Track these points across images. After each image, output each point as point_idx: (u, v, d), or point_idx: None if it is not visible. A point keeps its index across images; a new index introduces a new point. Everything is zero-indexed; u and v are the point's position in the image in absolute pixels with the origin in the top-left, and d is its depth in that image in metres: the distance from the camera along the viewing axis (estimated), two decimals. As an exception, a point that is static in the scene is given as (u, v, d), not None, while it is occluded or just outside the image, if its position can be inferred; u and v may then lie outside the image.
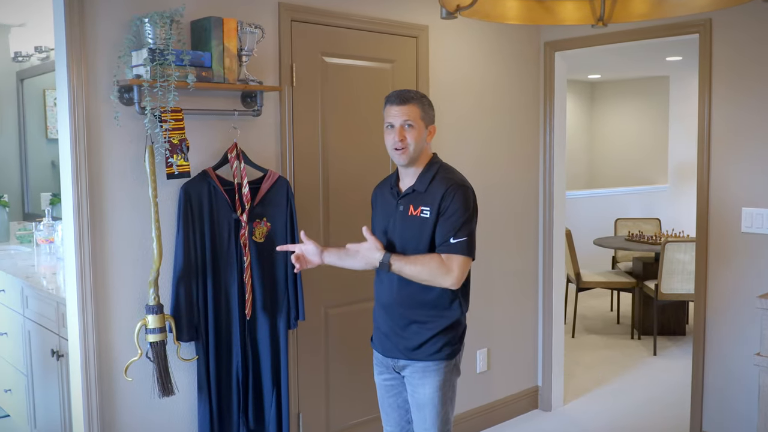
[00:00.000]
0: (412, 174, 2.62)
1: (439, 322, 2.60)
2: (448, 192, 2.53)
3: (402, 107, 2.54)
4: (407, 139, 2.54)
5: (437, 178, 2.58)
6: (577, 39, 4.27)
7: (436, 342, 2.59)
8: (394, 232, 2.61)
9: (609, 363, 5.63)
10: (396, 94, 2.58)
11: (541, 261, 4.55)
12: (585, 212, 8.22)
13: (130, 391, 2.87)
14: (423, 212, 2.55)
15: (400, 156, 2.55)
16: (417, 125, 2.55)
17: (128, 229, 2.83)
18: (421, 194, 2.58)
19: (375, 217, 2.77)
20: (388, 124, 2.57)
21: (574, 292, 6.58)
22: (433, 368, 2.60)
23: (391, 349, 2.67)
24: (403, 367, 2.66)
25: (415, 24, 3.74)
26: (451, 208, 2.51)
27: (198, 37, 2.89)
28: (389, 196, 2.69)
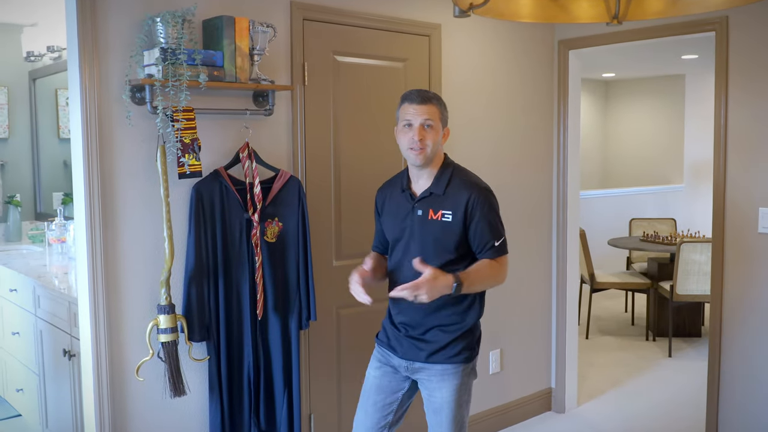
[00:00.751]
0: (426, 176, 2.59)
1: (460, 326, 2.59)
2: (473, 197, 2.52)
3: (423, 106, 2.51)
4: (426, 139, 2.51)
5: (455, 181, 2.57)
6: (591, 37, 4.25)
7: (455, 345, 2.59)
8: (412, 237, 2.58)
9: (623, 365, 5.60)
10: (416, 93, 2.55)
11: (555, 261, 4.54)
12: (599, 212, 8.19)
13: (142, 391, 2.88)
14: (444, 216, 2.53)
15: (417, 156, 2.51)
16: (436, 126, 2.53)
17: (140, 228, 2.84)
18: (439, 197, 2.55)
19: (384, 222, 2.72)
20: (405, 122, 2.53)
21: (588, 293, 6.55)
22: (452, 371, 2.59)
23: (409, 352, 2.63)
24: (418, 370, 2.63)
25: (427, 22, 3.73)
26: (486, 213, 2.53)
27: (210, 36, 2.90)
28: (402, 199, 2.64)
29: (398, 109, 2.58)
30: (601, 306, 7.43)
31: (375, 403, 2.70)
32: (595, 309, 7.14)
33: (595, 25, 4.16)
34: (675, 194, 9.11)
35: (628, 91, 10.34)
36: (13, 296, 4.19)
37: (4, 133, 5.38)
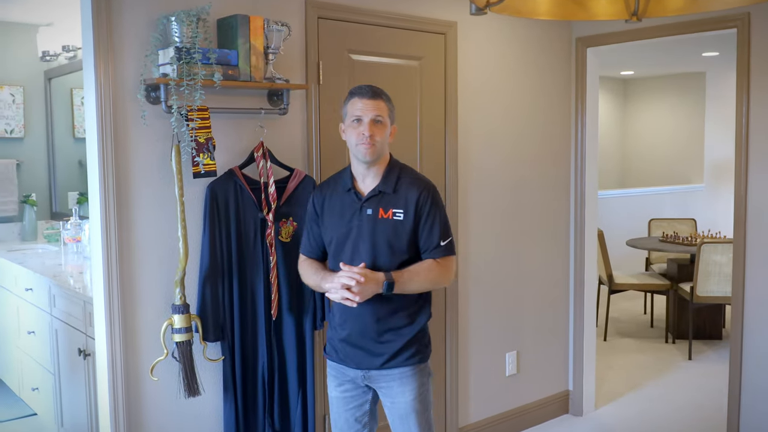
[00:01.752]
0: (373, 175, 2.56)
1: (412, 328, 2.58)
2: (423, 195, 2.52)
3: (373, 101, 2.49)
4: (376, 135, 2.48)
5: (403, 179, 2.56)
6: (610, 34, 4.23)
7: (410, 348, 2.58)
8: (361, 237, 2.53)
9: (642, 367, 5.57)
10: (366, 88, 2.52)
11: (573, 262, 4.52)
12: (617, 212, 8.14)
13: (157, 391, 2.90)
14: (396, 215, 2.51)
15: (366, 152, 2.48)
16: (385, 122, 2.52)
17: (155, 228, 2.86)
18: (389, 196, 2.53)
19: (325, 223, 2.63)
20: (354, 118, 2.50)
21: (606, 294, 6.52)
22: (410, 373, 2.58)
23: (364, 361, 2.59)
24: (375, 378, 2.61)
25: (443, 20, 3.73)
26: (433, 212, 2.52)
27: (224, 35, 2.91)
28: (347, 199, 2.58)
29: (346, 104, 2.55)
30: (620, 307, 7.39)
31: (347, 420, 2.69)
32: (613, 310, 7.10)
33: (613, 22, 4.13)
34: (695, 194, 9.04)
35: (647, 89, 10.27)
36: (29, 295, 4.23)
37: (20, 133, 5.43)
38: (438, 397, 3.89)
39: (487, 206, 4.05)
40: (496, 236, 4.10)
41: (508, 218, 4.16)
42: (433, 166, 3.74)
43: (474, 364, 4.06)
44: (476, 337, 4.06)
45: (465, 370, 4.02)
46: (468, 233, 3.95)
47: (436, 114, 3.75)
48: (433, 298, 3.75)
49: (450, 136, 3.80)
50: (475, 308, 4.03)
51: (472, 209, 3.96)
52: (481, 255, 4.03)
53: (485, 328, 4.10)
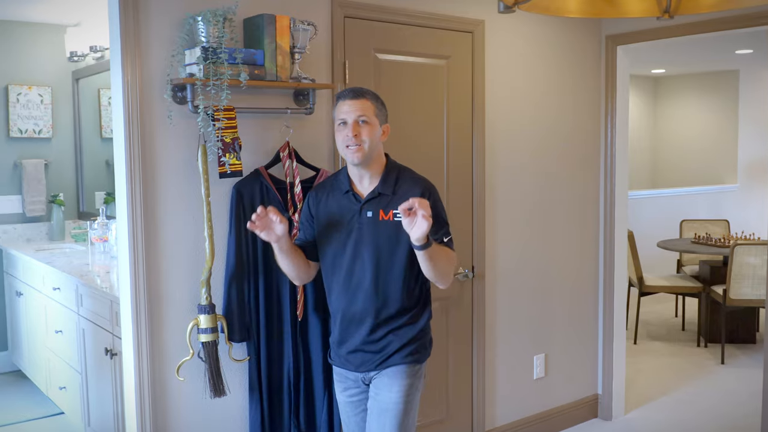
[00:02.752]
0: (370, 177, 2.56)
1: (413, 328, 2.59)
2: (424, 194, 2.51)
3: (356, 101, 2.50)
4: (362, 135, 2.48)
5: (403, 180, 2.56)
6: (640, 32, 4.19)
7: (408, 347, 2.59)
8: (363, 239, 2.54)
9: (673, 371, 5.51)
10: (348, 90, 2.54)
11: (602, 264, 4.48)
12: (648, 213, 8.07)
13: (182, 391, 2.93)
14: (396, 216, 2.49)
15: (354, 154, 2.48)
16: (371, 122, 2.51)
17: (181, 228, 2.88)
18: (388, 197, 2.53)
19: (321, 227, 2.62)
20: (340, 121, 2.51)
21: (636, 297, 6.46)
22: (402, 370, 2.57)
23: (363, 364, 2.61)
24: (373, 376, 2.63)
25: (470, 19, 3.72)
26: (434, 210, 2.46)
27: (250, 34, 2.93)
28: (345, 201, 2.58)
29: (333, 110, 2.57)
30: (650, 310, 7.33)
31: (357, 423, 2.71)
32: (643, 313, 7.04)
33: (644, 20, 4.09)
34: (728, 194, 8.93)
35: (678, 87, 10.16)
36: (57, 295, 4.29)
37: (48, 133, 5.51)
38: (464, 399, 3.89)
39: (515, 206, 4.03)
40: (523, 236, 4.08)
41: (536, 219, 4.14)
42: (460, 165, 3.73)
43: (501, 367, 4.05)
44: (503, 339, 4.04)
45: (492, 373, 4.00)
46: (495, 233, 3.94)
47: (463, 113, 3.74)
48: (459, 298, 3.78)
49: (477, 136, 3.79)
50: (502, 310, 4.02)
51: (499, 209, 3.95)
52: (509, 255, 4.02)
53: (512, 330, 4.08)
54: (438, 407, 3.78)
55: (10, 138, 5.39)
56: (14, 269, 5.15)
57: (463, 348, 3.86)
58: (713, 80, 9.70)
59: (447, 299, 3.75)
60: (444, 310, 3.74)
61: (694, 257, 6.91)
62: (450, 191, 3.71)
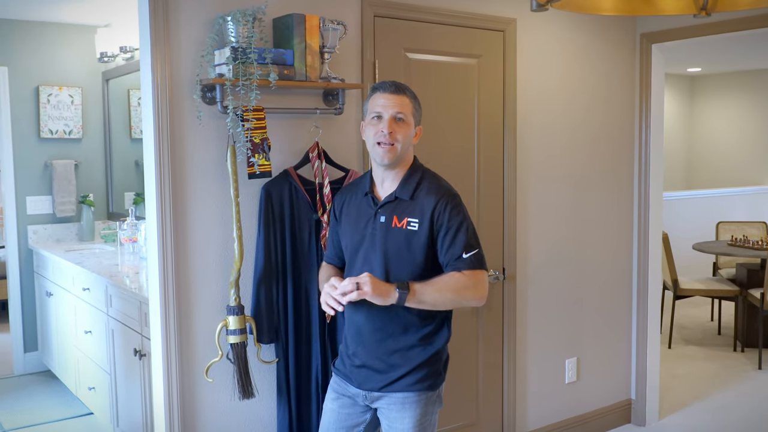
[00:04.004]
0: (392, 178, 2.40)
1: (425, 351, 2.40)
2: (441, 203, 2.33)
3: (395, 96, 2.33)
4: (397, 133, 2.31)
5: (423, 186, 2.37)
6: (676, 30, 4.14)
7: (418, 372, 2.39)
8: (374, 247, 2.38)
9: (709, 376, 5.44)
10: (389, 83, 2.36)
11: (636, 266, 4.43)
12: (684, 215, 7.98)
13: (211, 392, 2.95)
14: (410, 224, 2.33)
15: (386, 154, 2.32)
16: (408, 120, 2.35)
17: (210, 228, 2.91)
18: (405, 203, 2.36)
19: (342, 229, 2.51)
20: (374, 114, 2.34)
21: (671, 300, 6.39)
22: (414, 399, 2.39)
23: (366, 381, 2.44)
24: (378, 398, 2.45)
25: (502, 17, 3.70)
26: (454, 222, 2.32)
27: (280, 34, 2.94)
28: (363, 204, 2.44)
29: (367, 101, 2.41)
30: (685, 314, 7.24)
31: None
32: (678, 317, 6.96)
33: (680, 17, 4.05)
34: (766, 196, 8.80)
35: (715, 86, 10.03)
36: (86, 295, 4.34)
37: (78, 134, 5.59)
38: (495, 403, 3.87)
39: (547, 207, 4.00)
40: (555, 238, 4.06)
41: (569, 220, 4.11)
42: (490, 165, 3.72)
43: (532, 370, 4.02)
44: (535, 342, 4.02)
45: (523, 377, 3.98)
46: (527, 234, 3.91)
47: (495, 113, 3.72)
48: (489, 300, 3.76)
49: (509, 136, 3.77)
50: (533, 312, 3.99)
51: (530, 210, 3.93)
52: (540, 257, 3.99)
53: (544, 333, 4.06)
54: (468, 411, 3.77)
55: (41, 139, 5.47)
56: (44, 270, 5.23)
57: (494, 351, 3.84)
58: (751, 79, 9.56)
59: (477, 302, 3.73)
60: (474, 312, 3.73)
61: (731, 260, 6.83)
62: (481, 192, 3.69)
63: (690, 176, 10.33)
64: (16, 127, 5.40)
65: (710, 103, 10.12)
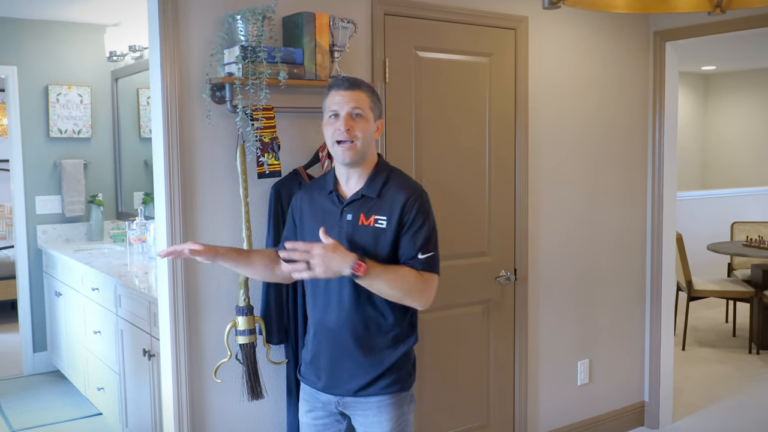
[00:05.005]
0: (357, 176, 2.35)
1: (396, 352, 2.37)
2: (411, 199, 2.31)
3: (350, 92, 2.29)
4: (355, 129, 2.27)
5: (391, 183, 2.35)
6: (690, 27, 4.12)
7: (390, 374, 2.37)
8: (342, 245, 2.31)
9: (723, 379, 5.41)
10: (343, 78, 2.33)
11: (649, 267, 4.42)
12: (698, 215, 7.94)
13: (220, 393, 2.95)
14: (378, 222, 2.30)
15: (346, 152, 2.28)
16: (366, 115, 2.30)
17: (219, 228, 2.91)
18: (372, 200, 2.33)
19: (305, 229, 2.43)
20: (331, 113, 2.30)
21: (684, 302, 6.37)
22: (389, 402, 2.37)
23: (335, 386, 2.39)
24: (350, 405, 2.40)
25: (513, 15, 3.70)
26: (418, 220, 2.30)
27: (290, 33, 2.95)
28: (328, 203, 2.39)
29: (324, 100, 2.36)
30: (700, 315, 7.21)
31: None
32: (692, 319, 6.93)
33: (694, 15, 4.03)
34: (782, 196, 8.75)
35: (730, 84, 9.98)
36: (95, 295, 4.36)
37: (87, 133, 5.61)
38: (506, 405, 3.86)
39: (559, 207, 3.99)
40: (567, 238, 4.04)
41: (581, 219, 4.10)
42: (502, 164, 3.71)
43: (544, 372, 4.01)
44: (546, 343, 4.01)
45: (534, 379, 3.97)
46: (538, 234, 3.90)
47: (506, 112, 3.72)
48: (500, 301, 3.76)
49: (520, 135, 3.76)
50: (545, 313, 3.98)
51: (542, 210, 3.92)
52: (552, 257, 3.98)
53: (556, 335, 4.05)
54: (479, 413, 3.77)
55: (50, 138, 5.50)
56: (53, 269, 5.26)
57: (505, 352, 3.83)
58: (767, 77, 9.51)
59: (488, 302, 3.73)
60: (485, 314, 3.73)
61: (746, 261, 6.79)
62: (492, 192, 3.69)
63: (704, 176, 10.29)
64: (25, 126, 5.43)
65: (725, 101, 10.08)
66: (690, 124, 10.01)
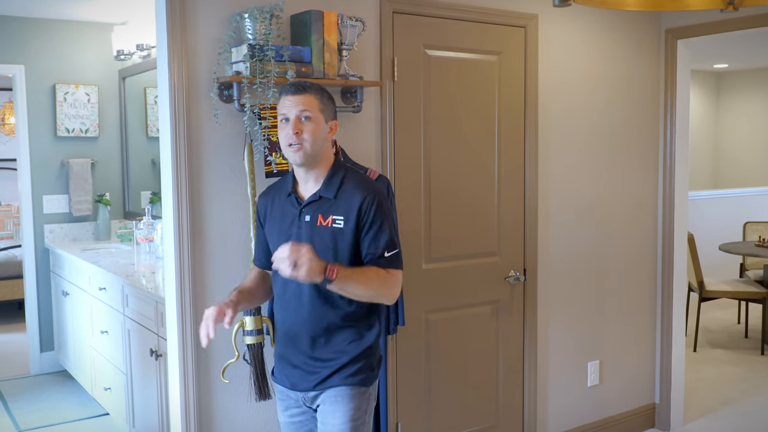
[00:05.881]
0: (314, 178, 2.40)
1: (358, 345, 2.41)
2: (367, 199, 2.35)
3: (297, 96, 2.33)
4: (303, 132, 2.32)
5: (347, 184, 2.39)
6: (702, 25, 4.10)
7: (351, 366, 2.40)
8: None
9: (736, 380, 5.39)
10: (290, 83, 2.39)
11: (660, 268, 4.40)
12: (710, 215, 7.92)
13: (228, 393, 2.96)
14: (336, 222, 2.35)
15: (296, 153, 2.32)
16: (315, 117, 2.34)
17: (227, 227, 2.92)
18: (329, 201, 2.37)
19: (268, 231, 2.49)
20: (282, 117, 2.35)
21: (696, 302, 6.34)
22: (346, 393, 2.39)
23: (300, 382, 2.44)
24: (314, 398, 2.45)
25: (523, 13, 3.69)
26: (378, 219, 2.35)
27: (297, 31, 2.95)
28: (287, 205, 2.44)
29: (278, 106, 2.41)
30: (711, 316, 7.18)
31: None
32: (704, 320, 6.90)
33: (706, 12, 4.01)
34: (795, 195, 8.71)
35: (742, 82, 9.94)
36: (102, 295, 4.38)
37: (95, 132, 5.64)
38: (515, 406, 3.86)
39: (568, 207, 3.98)
40: (577, 237, 4.04)
41: (591, 220, 4.09)
42: (511, 164, 3.71)
43: (553, 373, 4.01)
44: (556, 344, 4.00)
45: (544, 379, 3.96)
46: (549, 234, 3.90)
47: (515, 110, 3.71)
48: (509, 301, 3.75)
49: (530, 134, 3.76)
50: (554, 314, 3.98)
51: (552, 210, 3.91)
52: (562, 257, 3.97)
53: (565, 335, 4.04)
54: (488, 414, 3.76)
55: (57, 137, 5.52)
56: (61, 269, 5.28)
57: (514, 353, 3.83)
58: (780, 75, 9.48)
59: (497, 302, 3.73)
60: (494, 314, 3.73)
61: (759, 261, 6.77)
62: (501, 191, 3.68)
63: (716, 175, 10.25)
64: (32, 125, 5.46)
65: (737, 99, 10.04)
66: (702, 123, 9.97)
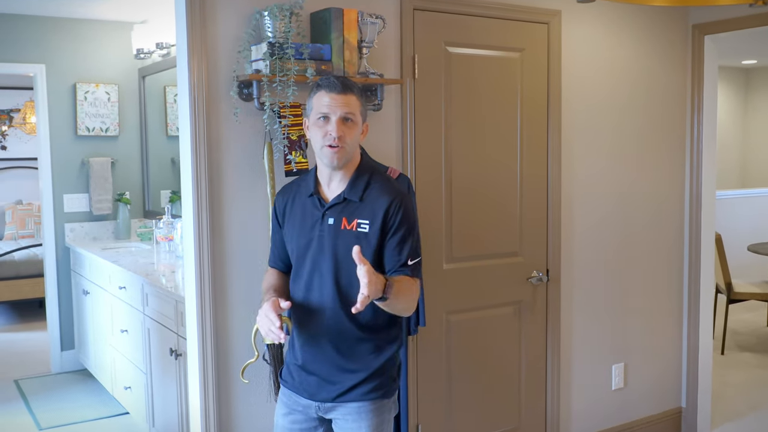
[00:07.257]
0: (339, 179, 2.32)
1: (380, 357, 2.36)
2: (394, 203, 2.28)
3: (342, 96, 2.23)
4: (346, 136, 2.23)
5: (374, 186, 2.32)
6: (730, 20, 4.06)
7: (373, 380, 2.35)
8: (323, 250, 2.31)
9: (765, 384, 5.34)
10: (336, 80, 2.26)
11: (687, 269, 4.37)
12: (738, 214, 7.84)
13: (247, 393, 2.98)
14: (360, 226, 2.27)
15: (334, 156, 2.23)
16: (356, 120, 2.26)
17: (247, 227, 2.94)
18: (354, 204, 2.30)
19: (287, 232, 2.42)
20: (320, 115, 2.24)
21: (724, 304, 6.28)
22: (369, 408, 2.35)
23: (319, 391, 2.38)
24: (331, 409, 2.39)
25: (546, 9, 3.68)
26: (404, 226, 2.29)
27: (317, 29, 2.96)
28: (309, 205, 2.35)
29: (311, 98, 2.30)
30: (739, 319, 7.11)
31: None
32: (732, 322, 6.83)
33: (734, 7, 3.97)
34: (826, 195, 8.60)
35: (772, 79, 9.83)
36: (123, 294, 4.42)
37: (115, 131, 5.69)
38: (538, 408, 3.85)
39: (593, 206, 3.96)
40: (601, 237, 4.01)
41: (615, 219, 4.07)
42: (534, 162, 3.70)
43: (577, 375, 3.99)
44: (579, 346, 3.98)
45: (567, 383, 3.95)
46: (572, 234, 3.88)
47: (538, 108, 3.70)
48: (532, 302, 3.74)
49: (553, 132, 3.74)
50: (578, 315, 3.96)
51: (575, 209, 3.89)
52: (586, 258, 3.95)
53: (589, 337, 4.02)
54: (510, 416, 3.76)
55: (78, 136, 5.58)
56: (81, 268, 5.33)
57: (537, 355, 3.82)
58: (811, 71, 9.37)
59: (519, 303, 3.72)
60: (516, 315, 3.72)
61: (789, 262, 6.70)
62: (524, 190, 3.67)
63: (744, 174, 10.15)
64: (53, 124, 5.52)
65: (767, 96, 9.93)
66: (729, 120, 9.88)
